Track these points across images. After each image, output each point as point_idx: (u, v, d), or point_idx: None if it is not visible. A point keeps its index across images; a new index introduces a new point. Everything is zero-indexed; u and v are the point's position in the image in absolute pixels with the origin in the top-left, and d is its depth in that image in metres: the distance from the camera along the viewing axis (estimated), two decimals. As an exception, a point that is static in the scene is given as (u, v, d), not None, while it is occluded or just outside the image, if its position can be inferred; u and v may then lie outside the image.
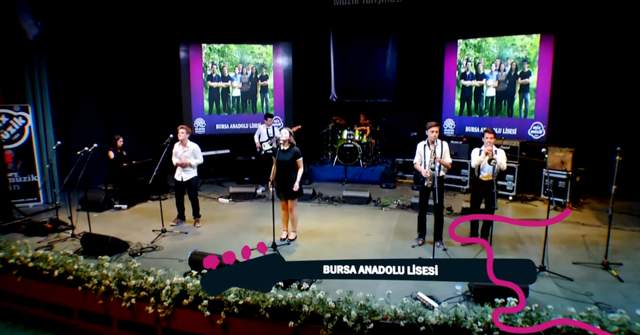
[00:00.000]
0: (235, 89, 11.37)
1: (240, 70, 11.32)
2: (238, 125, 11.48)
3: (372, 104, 11.57)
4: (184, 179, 6.94)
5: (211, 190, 9.68)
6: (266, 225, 7.00)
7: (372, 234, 6.84)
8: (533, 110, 9.63)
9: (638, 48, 8.55)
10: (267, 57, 11.47)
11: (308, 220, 7.46)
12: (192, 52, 10.94)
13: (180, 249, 6.02)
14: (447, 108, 10.82)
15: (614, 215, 8.05)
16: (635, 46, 8.57)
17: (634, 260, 5.83)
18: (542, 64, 9.40)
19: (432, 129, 5.94)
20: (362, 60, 11.54)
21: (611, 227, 7.23)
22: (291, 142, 6.20)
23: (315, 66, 11.68)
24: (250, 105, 11.53)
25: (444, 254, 5.96)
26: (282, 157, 6.12)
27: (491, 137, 6.00)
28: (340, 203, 8.72)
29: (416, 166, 6.23)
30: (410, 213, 8.04)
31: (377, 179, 10.44)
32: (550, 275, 5.27)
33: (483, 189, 6.14)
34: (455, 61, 10.52)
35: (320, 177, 10.62)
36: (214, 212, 8.03)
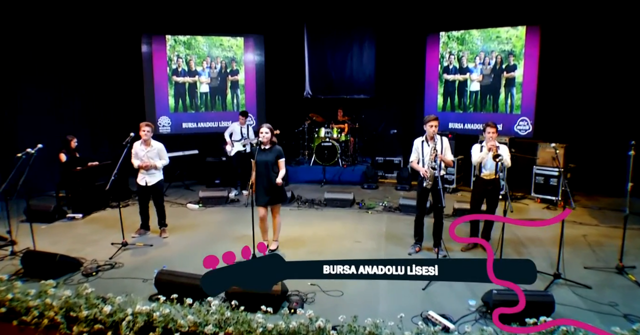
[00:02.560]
0: (203, 85, 10.50)
1: (209, 64, 10.46)
2: (207, 123, 10.61)
3: (350, 101, 10.98)
4: (148, 184, 6.07)
5: (178, 195, 8.79)
6: (243, 234, 6.23)
7: (361, 240, 6.18)
8: (519, 105, 9.24)
9: (627, 40, 8.27)
10: (237, 50, 10.66)
11: (289, 226, 6.72)
12: (155, 45, 10.00)
13: (145, 266, 5.17)
14: (429, 104, 10.32)
15: (608, 213, 7.84)
16: (624, 38, 8.29)
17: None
18: (528, 57, 9.02)
19: (431, 123, 5.34)
20: (337, 55, 11.02)
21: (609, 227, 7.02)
22: (273, 141, 5.47)
23: (290, 60, 11.01)
24: (220, 102, 10.68)
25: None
26: (262, 157, 5.37)
27: (493, 131, 5.47)
28: (321, 206, 8.04)
29: (413, 165, 5.62)
30: (399, 216, 7.45)
31: (357, 180, 9.84)
32: (566, 283, 4.75)
33: (485, 188, 5.60)
34: (438, 55, 10.04)
35: (298, 179, 9.93)
36: (183, 219, 7.18)
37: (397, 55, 10.57)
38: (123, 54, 9.99)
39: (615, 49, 8.40)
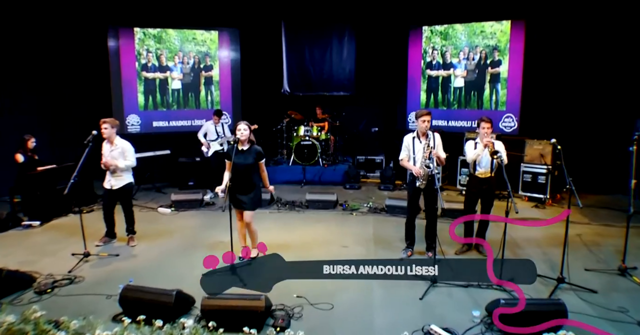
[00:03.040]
0: (175, 81, 9.89)
1: (181, 59, 9.86)
2: (179, 122, 10.01)
3: (330, 98, 10.58)
4: (114, 187, 5.48)
5: (149, 199, 8.18)
6: (220, 241, 5.73)
7: (348, 245, 5.76)
8: (504, 101, 9.01)
9: (613, 34, 8.12)
10: (211, 44, 10.10)
11: (269, 231, 6.25)
12: (123, 38, 9.34)
13: (109, 280, 4.60)
14: (412, 100, 10.00)
15: (597, 210, 7.66)
16: (610, 32, 8.13)
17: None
18: (513, 52, 8.79)
19: (424, 118, 4.95)
20: (316, 51, 10.63)
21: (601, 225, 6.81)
22: (251, 140, 4.98)
23: (266, 56, 10.54)
24: (193, 99, 10.09)
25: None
26: (240, 159, 4.87)
27: (488, 126, 5.14)
28: (303, 208, 7.58)
29: (403, 163, 5.22)
30: (385, 217, 7.08)
31: (339, 180, 9.44)
32: (571, 287, 4.43)
33: (480, 188, 5.25)
34: (420, 50, 9.72)
35: (276, 179, 9.42)
36: (153, 225, 6.60)
37: (378, 51, 10.23)
38: (88, 48, 9.27)
39: (601, 44, 8.24)
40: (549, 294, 4.30)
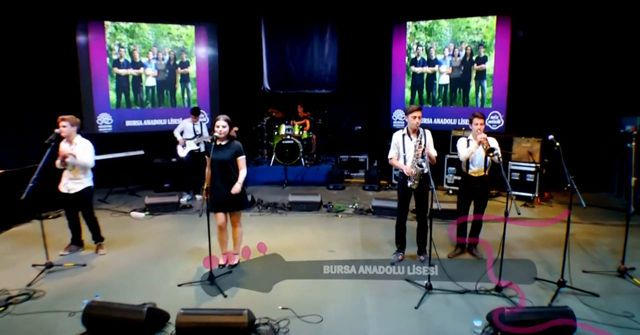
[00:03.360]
0: (149, 78, 9.40)
1: (155, 55, 9.38)
2: (154, 121, 9.52)
3: (312, 96, 10.26)
4: (71, 191, 4.99)
5: (121, 202, 7.69)
6: (197, 247, 5.33)
7: (335, 250, 5.43)
8: (490, 98, 8.82)
9: (600, 29, 8.02)
10: (187, 40, 9.64)
11: (250, 235, 5.84)
12: (93, 32, 8.79)
13: (73, 294, 4.16)
14: (396, 98, 9.74)
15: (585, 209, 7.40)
16: (597, 27, 8.03)
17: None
18: (499, 48, 8.61)
19: (415, 113, 4.66)
20: (297, 47, 10.32)
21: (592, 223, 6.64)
22: (231, 135, 4.62)
23: (246, 52, 10.15)
24: (169, 97, 9.62)
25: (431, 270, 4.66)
26: (218, 155, 4.51)
27: (481, 122, 4.88)
28: (285, 210, 7.23)
29: (392, 162, 4.93)
30: (372, 219, 6.79)
31: (322, 180, 9.13)
32: (572, 291, 4.20)
33: (473, 187, 5.00)
34: (405, 46, 9.47)
35: (257, 180, 9.08)
36: (125, 231, 6.14)
37: (361, 48, 9.94)
38: (55, 43, 8.66)
39: (589, 40, 8.13)
40: (551, 299, 4.05)
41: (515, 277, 4.48)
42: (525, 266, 4.87)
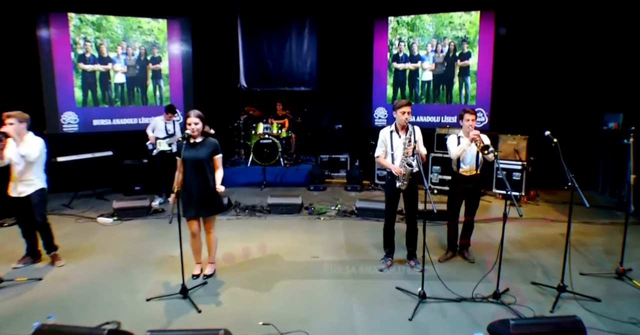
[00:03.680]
0: (118, 74, 8.86)
1: (125, 49, 8.84)
2: (123, 120, 8.98)
3: (291, 93, 9.89)
4: (22, 194, 4.47)
5: (88, 207, 7.15)
6: (169, 255, 4.90)
7: (319, 255, 5.07)
8: (474, 95, 8.63)
9: (585, 24, 7.89)
10: (159, 34, 9.13)
11: (227, 241, 5.48)
12: (55, 25, 8.19)
13: (24, 314, 3.67)
14: (378, 95, 9.46)
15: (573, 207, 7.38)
16: (583, 23, 7.91)
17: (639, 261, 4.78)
18: (482, 44, 8.43)
19: (404, 109, 4.34)
20: (274, 44, 9.97)
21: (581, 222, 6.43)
22: (206, 132, 4.21)
23: (221, 48, 9.72)
24: (140, 94, 9.10)
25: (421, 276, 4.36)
26: (192, 154, 4.10)
27: (473, 118, 4.61)
28: (264, 213, 6.84)
29: (380, 161, 4.60)
30: (356, 221, 6.46)
31: (302, 180, 8.77)
32: (572, 296, 3.95)
33: (464, 187, 4.71)
34: (386, 42, 9.19)
35: (234, 182, 8.65)
36: (90, 239, 5.64)
37: (341, 43, 9.62)
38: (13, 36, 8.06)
39: (572, 36, 8.01)
40: (552, 305, 3.79)
41: (511, 281, 4.22)
42: (521, 269, 4.62)
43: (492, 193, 7.84)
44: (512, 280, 4.28)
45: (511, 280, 4.25)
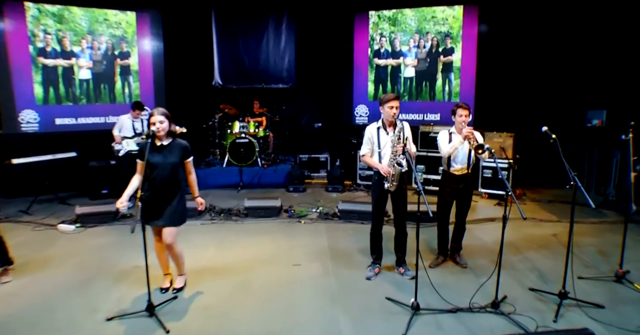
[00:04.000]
0: (82, 70, 8.28)
1: (90, 43, 8.27)
2: (89, 119, 8.41)
3: (268, 91, 9.47)
4: None
5: (48, 213, 6.57)
6: (135, 265, 4.44)
7: (301, 263, 4.69)
8: (458, 92, 8.39)
9: (568, 21, 7.75)
10: (128, 27, 8.59)
11: (201, 248, 5.06)
12: (10, 15, 7.56)
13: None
14: (359, 92, 9.14)
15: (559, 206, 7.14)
16: (565, 19, 7.76)
17: (637, 262, 4.56)
18: (466, 39, 8.20)
19: (392, 103, 4.00)
20: (250, 39, 9.56)
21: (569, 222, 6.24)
22: (173, 132, 3.77)
23: (195, 43, 9.28)
24: (107, 91, 8.54)
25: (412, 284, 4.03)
26: (158, 158, 3.65)
27: (466, 114, 4.33)
28: (241, 217, 6.42)
29: (365, 160, 4.25)
30: (338, 224, 6.11)
31: (281, 181, 8.39)
32: (576, 303, 3.67)
33: (455, 187, 4.41)
34: (367, 37, 8.88)
35: (208, 184, 8.21)
36: (48, 249, 5.11)
37: (320, 39, 9.27)
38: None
39: (556, 32, 7.86)
40: (555, 314, 3.51)
41: (507, 287, 3.94)
42: (516, 274, 4.35)
43: (478, 192, 7.61)
44: (509, 287, 3.99)
45: (507, 287, 3.96)
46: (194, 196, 3.94)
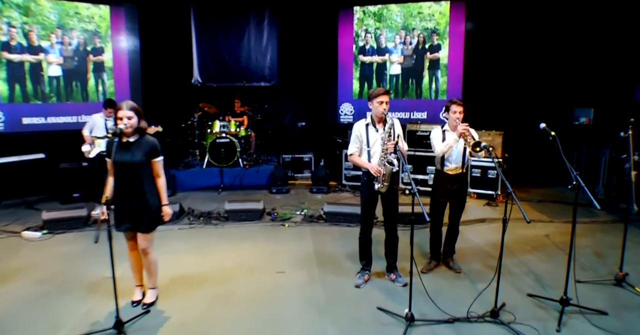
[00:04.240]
0: (52, 66, 7.81)
1: (60, 38, 7.81)
2: (60, 118, 7.94)
3: (250, 89, 9.15)
4: None
5: (12, 219, 6.12)
6: (106, 276, 4.08)
7: (285, 270, 4.39)
8: (445, 89, 8.20)
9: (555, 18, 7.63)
10: (101, 22, 8.16)
11: (177, 255, 4.72)
12: (-28, 8, 7.11)
13: None
14: (344, 90, 8.87)
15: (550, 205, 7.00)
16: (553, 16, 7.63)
17: (635, 264, 4.39)
18: (453, 36, 8.00)
19: (381, 98, 3.74)
20: (231, 35, 9.21)
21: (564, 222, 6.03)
22: (141, 129, 3.43)
23: (173, 39, 8.88)
24: (79, 89, 8.08)
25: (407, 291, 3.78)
26: (124, 156, 3.32)
27: (460, 110, 4.09)
28: (222, 221, 6.09)
29: (353, 159, 3.98)
30: (324, 227, 5.84)
31: (264, 183, 8.08)
32: (579, 310, 3.47)
33: (450, 188, 4.17)
34: (352, 33, 8.61)
35: (187, 186, 7.86)
36: (9, 259, 4.69)
37: (304, 36, 8.98)
38: None
39: (546, 28, 7.73)
40: (557, 323, 3.29)
41: (504, 293, 3.70)
42: (512, 279, 4.13)
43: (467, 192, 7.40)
44: (506, 293, 3.77)
45: (505, 293, 3.73)
46: (162, 201, 3.50)
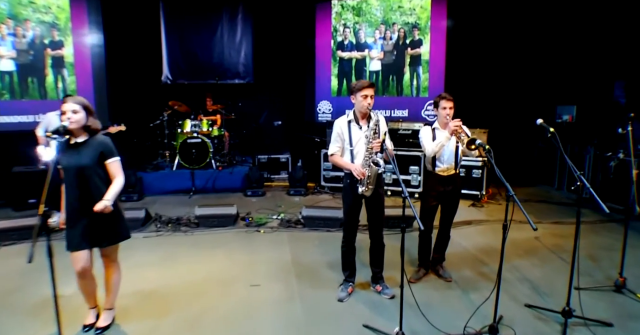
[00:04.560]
0: (4, 60, 7.21)
1: (12, 29, 7.22)
2: (14, 117, 7.34)
3: (223, 86, 8.71)
4: None
5: (-43, 228, 5.53)
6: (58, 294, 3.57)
7: (260, 283, 3.98)
8: (426, 86, 7.93)
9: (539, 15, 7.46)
10: (59, 13, 7.58)
11: (140, 268, 4.25)
12: None
13: None
14: (322, 87, 8.52)
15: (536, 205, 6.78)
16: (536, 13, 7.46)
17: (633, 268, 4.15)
18: (434, 31, 7.75)
19: (365, 91, 3.40)
20: (203, 31, 8.81)
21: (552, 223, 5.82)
22: (90, 128, 2.96)
23: (140, 33, 8.40)
24: (36, 86, 7.50)
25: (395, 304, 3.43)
26: (73, 159, 2.87)
27: (451, 106, 3.78)
28: (192, 228, 5.63)
29: (335, 159, 3.60)
30: (302, 232, 5.46)
31: (238, 185, 7.68)
32: (585, 322, 3.17)
33: (441, 190, 3.84)
34: (330, 28, 8.26)
35: (155, 189, 7.38)
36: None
37: (279, 31, 8.61)
38: None
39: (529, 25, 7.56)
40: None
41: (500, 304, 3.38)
42: (507, 287, 3.82)
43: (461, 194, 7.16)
44: (502, 303, 3.40)
45: (500, 303, 3.41)
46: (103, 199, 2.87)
